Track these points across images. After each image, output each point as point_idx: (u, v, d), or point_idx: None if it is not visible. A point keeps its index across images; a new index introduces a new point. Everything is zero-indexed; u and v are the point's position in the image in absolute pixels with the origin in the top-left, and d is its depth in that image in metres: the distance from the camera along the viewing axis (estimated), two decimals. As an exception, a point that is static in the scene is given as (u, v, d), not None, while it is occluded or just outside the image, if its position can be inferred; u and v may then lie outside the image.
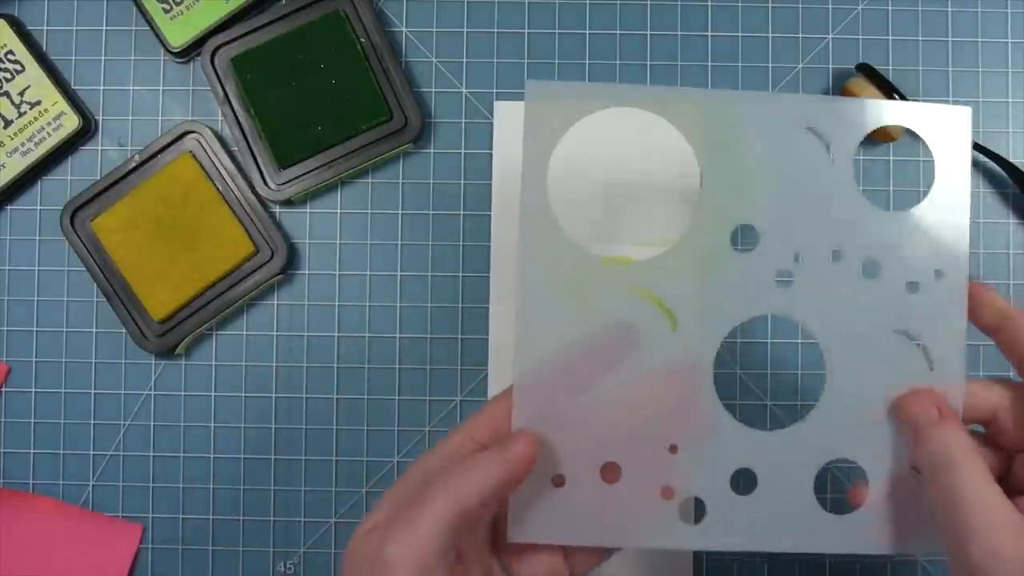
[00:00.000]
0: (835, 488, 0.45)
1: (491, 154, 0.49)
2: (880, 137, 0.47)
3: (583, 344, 0.36)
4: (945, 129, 0.37)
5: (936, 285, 0.37)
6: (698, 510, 0.36)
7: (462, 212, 0.49)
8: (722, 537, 0.37)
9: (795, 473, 0.37)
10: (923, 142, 0.37)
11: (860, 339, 0.37)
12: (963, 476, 0.30)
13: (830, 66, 0.49)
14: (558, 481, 0.36)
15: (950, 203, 0.37)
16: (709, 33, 0.49)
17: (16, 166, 0.48)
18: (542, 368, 0.36)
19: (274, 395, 0.49)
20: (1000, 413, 0.35)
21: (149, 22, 0.48)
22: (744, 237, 0.37)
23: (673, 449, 0.36)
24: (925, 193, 0.36)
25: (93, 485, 0.49)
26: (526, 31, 0.49)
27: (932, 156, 0.37)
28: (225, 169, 0.48)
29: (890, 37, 0.49)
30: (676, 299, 0.36)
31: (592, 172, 0.47)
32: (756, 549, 0.37)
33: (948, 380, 0.36)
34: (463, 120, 0.49)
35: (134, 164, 0.48)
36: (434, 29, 0.49)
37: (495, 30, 0.49)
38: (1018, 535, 0.29)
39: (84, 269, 0.48)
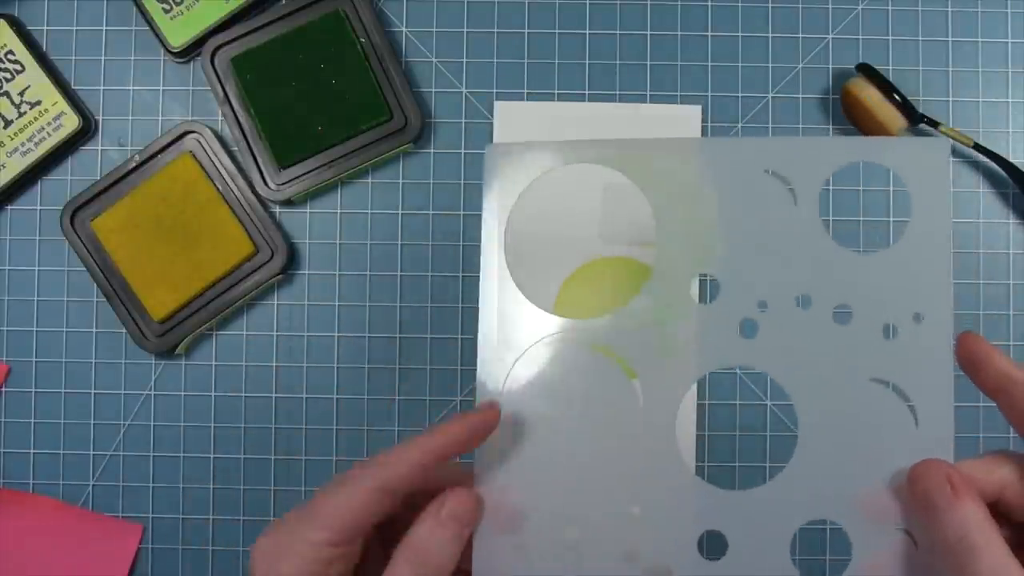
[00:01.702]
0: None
1: (491, 154, 0.49)
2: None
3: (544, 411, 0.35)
4: (921, 164, 0.35)
5: (916, 329, 0.34)
6: None
7: (462, 212, 0.49)
8: None
9: (769, 536, 0.34)
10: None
11: (834, 389, 0.35)
12: (984, 561, 0.29)
13: (830, 66, 0.49)
14: (519, 544, 0.34)
15: (929, 241, 0.35)
16: (709, 33, 0.49)
17: (16, 166, 0.48)
18: (503, 427, 0.35)
19: (274, 395, 0.49)
20: (1007, 491, 0.32)
21: (149, 22, 0.48)
22: (705, 288, 0.36)
23: (637, 511, 0.35)
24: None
25: (93, 485, 0.49)
26: (526, 31, 0.49)
27: (909, 190, 0.35)
28: (225, 169, 0.48)
29: (890, 37, 0.49)
30: (636, 356, 0.35)
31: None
32: None
33: (935, 434, 0.34)
34: (463, 120, 0.49)
35: (134, 164, 0.48)
36: (434, 29, 0.49)
37: (495, 30, 0.49)
38: None
39: (84, 269, 0.48)
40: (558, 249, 0.47)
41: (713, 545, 0.35)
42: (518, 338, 0.36)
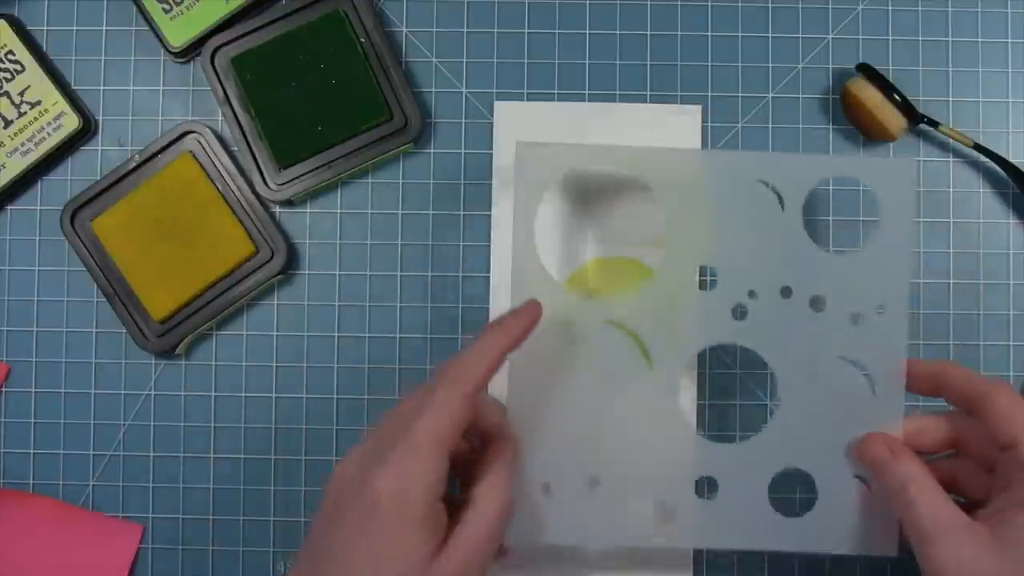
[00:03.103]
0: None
1: (491, 154, 0.49)
2: (880, 137, 0.47)
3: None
4: (891, 181, 0.41)
5: (878, 318, 0.42)
6: (668, 513, 0.42)
7: (462, 212, 0.49)
8: (689, 537, 0.43)
9: (751, 480, 0.42)
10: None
11: (808, 365, 0.42)
12: (921, 507, 0.37)
13: (830, 66, 0.49)
14: (547, 489, 0.42)
15: (893, 246, 0.42)
16: (709, 33, 0.49)
17: (16, 166, 0.48)
18: (533, 392, 0.42)
19: (274, 395, 0.49)
20: (961, 437, 0.40)
21: (149, 22, 0.48)
22: (706, 277, 0.43)
23: (645, 461, 0.42)
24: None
25: (93, 485, 0.49)
26: (526, 31, 0.49)
27: (879, 202, 0.41)
28: (225, 169, 0.48)
29: (890, 37, 0.49)
30: (646, 331, 0.42)
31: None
32: (718, 547, 0.43)
33: (888, 403, 0.41)
34: (463, 120, 0.49)
35: (134, 164, 0.48)
36: (434, 29, 0.49)
37: (495, 30, 0.49)
38: (963, 533, 0.36)
39: (84, 269, 0.48)
40: (571, 238, 0.49)
41: (707, 487, 0.43)
42: (546, 313, 0.41)
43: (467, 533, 0.35)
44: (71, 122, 0.48)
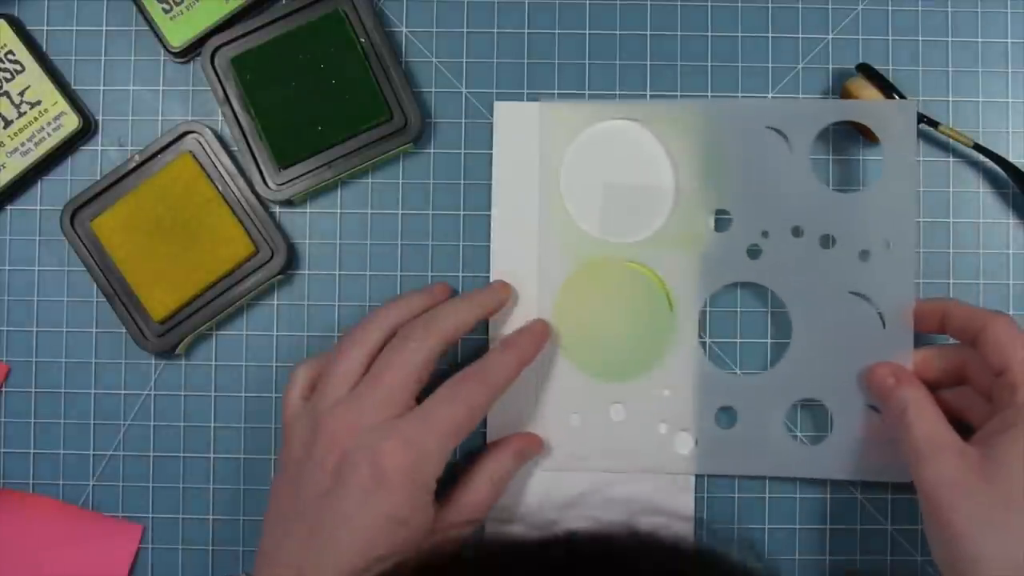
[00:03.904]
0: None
1: (491, 154, 0.48)
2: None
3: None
4: (893, 121, 0.44)
5: (886, 253, 0.44)
6: (689, 441, 0.45)
7: (462, 212, 0.49)
8: (709, 463, 0.45)
9: (768, 410, 0.45)
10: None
11: (820, 299, 0.44)
12: (917, 430, 0.40)
13: (830, 66, 0.49)
14: (577, 420, 0.45)
15: (898, 183, 0.44)
16: (709, 33, 0.49)
17: (16, 166, 0.48)
18: (564, 327, 0.46)
19: (274, 395, 0.49)
20: (965, 369, 0.42)
21: (149, 22, 0.48)
22: (721, 220, 0.46)
23: (667, 393, 0.45)
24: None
25: (93, 485, 0.49)
26: (526, 31, 0.49)
27: (883, 143, 0.44)
28: (225, 169, 0.48)
29: (890, 37, 0.49)
30: (667, 272, 0.45)
31: (593, 177, 0.48)
32: (738, 474, 0.46)
33: (897, 335, 0.43)
34: (463, 120, 0.49)
35: (134, 164, 0.48)
36: (434, 29, 0.49)
37: (495, 30, 0.49)
38: (954, 453, 0.39)
39: (84, 269, 0.48)
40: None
41: (726, 418, 0.46)
42: (570, 256, 0.46)
43: (467, 499, 0.42)
44: (71, 122, 0.48)
